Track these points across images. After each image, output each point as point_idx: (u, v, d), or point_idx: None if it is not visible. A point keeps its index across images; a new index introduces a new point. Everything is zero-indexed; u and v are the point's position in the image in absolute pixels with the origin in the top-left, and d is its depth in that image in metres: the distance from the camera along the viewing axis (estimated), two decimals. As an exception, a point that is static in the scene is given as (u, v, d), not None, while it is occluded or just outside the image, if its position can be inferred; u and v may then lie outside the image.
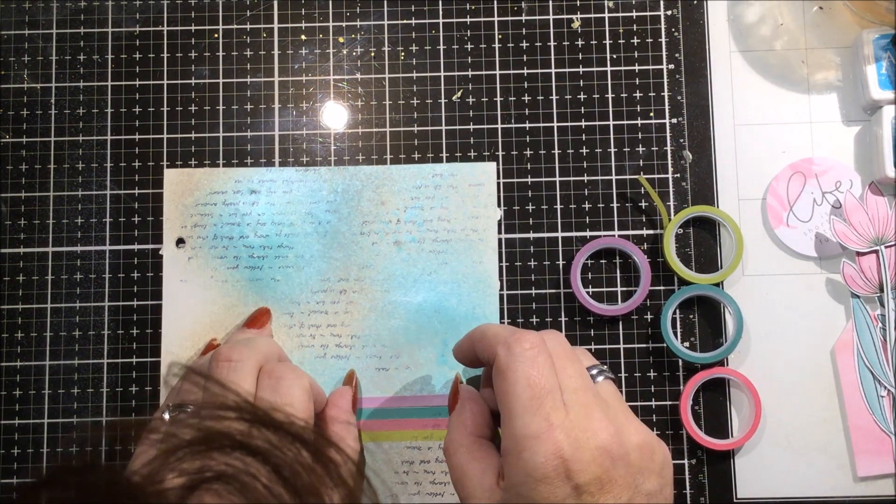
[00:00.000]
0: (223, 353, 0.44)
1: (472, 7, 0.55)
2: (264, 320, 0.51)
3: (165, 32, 0.55)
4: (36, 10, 0.55)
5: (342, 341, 0.52)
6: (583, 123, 0.54)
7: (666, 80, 0.54)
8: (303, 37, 0.55)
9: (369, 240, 0.53)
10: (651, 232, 0.53)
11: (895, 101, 0.51)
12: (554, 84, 0.54)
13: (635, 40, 0.54)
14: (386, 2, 0.55)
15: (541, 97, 0.54)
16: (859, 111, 0.53)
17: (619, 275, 0.53)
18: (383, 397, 0.51)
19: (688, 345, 0.52)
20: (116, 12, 0.55)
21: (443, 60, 0.54)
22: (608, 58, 0.54)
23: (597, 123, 0.54)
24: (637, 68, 0.54)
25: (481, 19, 0.55)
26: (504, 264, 0.53)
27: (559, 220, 0.53)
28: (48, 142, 0.54)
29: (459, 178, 0.53)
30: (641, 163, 0.53)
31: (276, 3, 0.55)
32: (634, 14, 0.54)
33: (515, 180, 0.53)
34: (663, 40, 0.54)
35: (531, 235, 0.53)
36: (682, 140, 0.53)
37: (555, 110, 0.54)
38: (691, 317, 0.52)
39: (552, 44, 0.54)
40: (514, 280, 0.52)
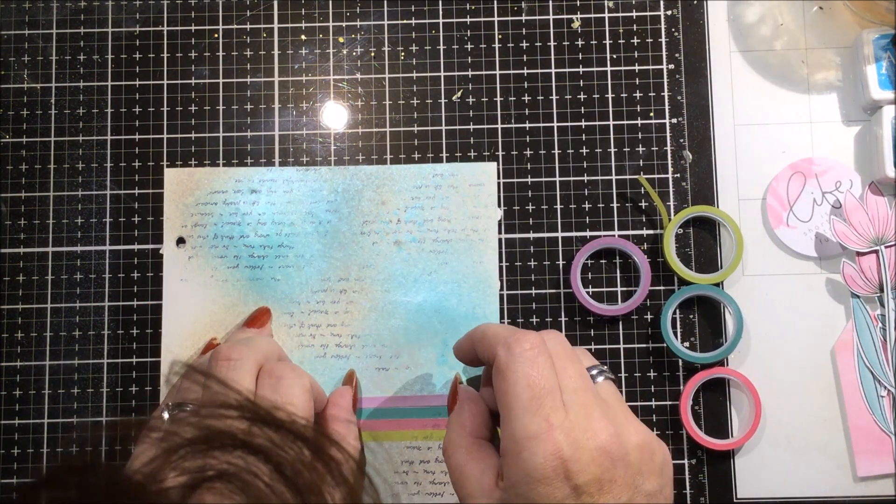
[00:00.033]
0: (222, 352, 0.44)
1: (472, 7, 0.55)
2: (264, 320, 0.51)
3: (165, 32, 0.55)
4: (36, 10, 0.55)
5: (342, 341, 0.52)
6: (583, 123, 0.54)
7: (666, 80, 0.54)
8: (303, 37, 0.55)
9: (370, 239, 0.53)
10: (651, 232, 0.53)
11: (895, 101, 0.51)
12: (554, 84, 0.54)
13: (635, 40, 0.54)
14: (386, 2, 0.55)
15: (541, 97, 0.54)
16: (859, 111, 0.53)
17: (619, 275, 0.53)
18: (383, 397, 0.51)
19: (688, 345, 0.52)
20: (116, 12, 0.55)
21: (443, 60, 0.54)
22: (608, 58, 0.54)
23: (597, 123, 0.54)
24: (637, 68, 0.54)
25: (481, 19, 0.55)
26: (504, 264, 0.53)
27: (559, 220, 0.53)
28: (48, 142, 0.54)
29: (460, 178, 0.53)
30: (641, 163, 0.53)
31: (276, 3, 0.55)
32: (634, 14, 0.54)
33: (515, 180, 0.53)
34: (663, 40, 0.54)
35: (531, 235, 0.53)
36: (682, 140, 0.53)
37: (555, 110, 0.54)
38: (691, 317, 0.52)
39: (552, 44, 0.54)
40: (514, 280, 0.52)
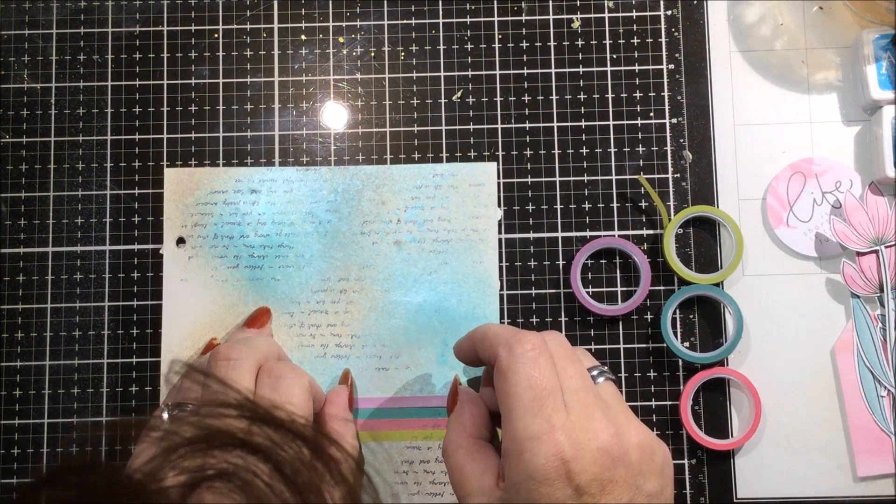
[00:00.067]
0: (222, 352, 0.44)
1: (472, 7, 0.55)
2: (264, 320, 0.51)
3: (165, 32, 0.55)
4: (36, 10, 0.55)
5: (342, 341, 0.52)
6: (583, 123, 0.54)
7: (666, 80, 0.54)
8: (303, 37, 0.55)
9: (369, 239, 0.53)
10: (651, 232, 0.53)
11: (895, 101, 0.51)
12: (554, 84, 0.54)
13: (635, 40, 0.54)
14: (386, 2, 0.55)
15: (541, 97, 0.54)
16: (859, 111, 0.53)
17: (619, 275, 0.53)
18: (383, 397, 0.51)
19: (688, 345, 0.52)
20: (116, 12, 0.55)
21: (443, 60, 0.54)
22: (608, 58, 0.54)
23: (597, 123, 0.54)
24: (637, 68, 0.54)
25: (481, 19, 0.55)
26: (504, 264, 0.53)
27: (559, 220, 0.53)
28: (48, 142, 0.54)
29: (460, 178, 0.53)
30: (641, 163, 0.53)
31: (276, 3, 0.55)
32: (634, 14, 0.54)
33: (515, 180, 0.53)
34: (663, 40, 0.54)
35: (531, 235, 0.53)
36: (682, 140, 0.53)
37: (555, 110, 0.54)
38: (691, 317, 0.52)
39: (552, 44, 0.54)
40: (514, 280, 0.52)
